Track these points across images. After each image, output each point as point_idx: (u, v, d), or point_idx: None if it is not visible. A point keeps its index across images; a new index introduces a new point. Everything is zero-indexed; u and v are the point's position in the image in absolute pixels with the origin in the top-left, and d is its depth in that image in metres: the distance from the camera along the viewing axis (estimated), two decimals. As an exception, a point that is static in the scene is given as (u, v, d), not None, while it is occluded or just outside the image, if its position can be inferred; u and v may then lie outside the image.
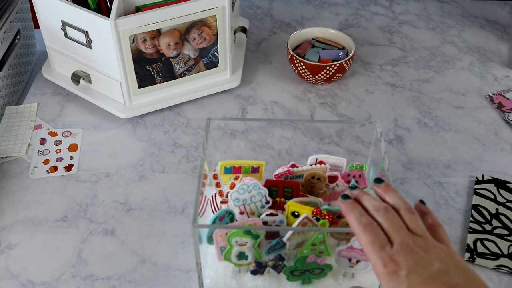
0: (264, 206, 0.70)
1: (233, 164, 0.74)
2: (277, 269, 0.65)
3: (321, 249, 0.63)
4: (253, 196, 0.69)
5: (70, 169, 0.89)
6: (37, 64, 1.18)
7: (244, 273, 0.68)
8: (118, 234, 0.80)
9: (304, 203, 0.68)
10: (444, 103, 1.03)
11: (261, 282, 0.67)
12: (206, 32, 0.93)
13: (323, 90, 1.05)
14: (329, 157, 0.75)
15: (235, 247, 0.64)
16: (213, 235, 0.64)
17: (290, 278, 0.66)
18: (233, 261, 0.65)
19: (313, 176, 0.72)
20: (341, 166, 0.76)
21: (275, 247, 0.64)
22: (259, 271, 0.66)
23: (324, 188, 0.73)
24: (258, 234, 0.62)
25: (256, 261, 0.65)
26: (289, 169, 0.72)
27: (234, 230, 0.62)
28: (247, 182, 0.69)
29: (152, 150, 0.93)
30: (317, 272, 0.65)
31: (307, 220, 0.64)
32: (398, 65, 1.12)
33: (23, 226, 0.81)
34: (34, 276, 0.74)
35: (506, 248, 0.77)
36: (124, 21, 0.85)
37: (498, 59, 1.13)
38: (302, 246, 0.64)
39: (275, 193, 0.71)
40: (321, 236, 0.61)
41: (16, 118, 0.98)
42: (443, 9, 1.29)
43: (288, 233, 0.62)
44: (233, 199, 0.69)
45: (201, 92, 1.00)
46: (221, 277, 0.68)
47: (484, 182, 0.86)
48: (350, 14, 1.26)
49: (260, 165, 0.75)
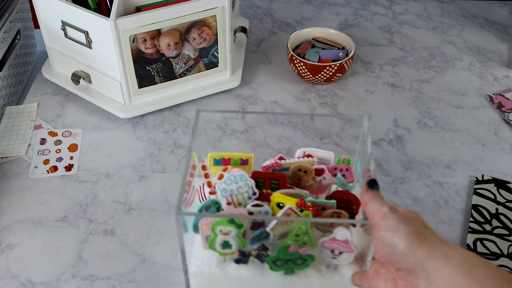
0: (251, 197, 0.71)
1: (222, 156, 0.75)
2: (261, 259, 0.66)
3: (304, 240, 0.64)
4: (240, 187, 0.70)
5: (70, 169, 0.89)
6: (37, 64, 1.18)
7: (229, 262, 0.69)
8: (118, 234, 0.80)
9: (290, 194, 0.69)
10: (444, 103, 1.03)
11: (244, 271, 0.68)
12: (206, 32, 0.93)
13: (323, 90, 1.05)
14: (317, 150, 0.76)
15: (219, 236, 0.64)
16: (199, 224, 0.65)
17: (273, 268, 0.66)
18: (218, 250, 0.66)
19: (299, 168, 0.73)
20: (328, 159, 0.76)
21: (259, 237, 0.65)
22: (243, 260, 0.67)
23: (311, 181, 0.73)
24: (241, 223, 0.63)
25: (240, 250, 0.65)
26: (276, 162, 0.73)
27: (218, 219, 0.63)
28: (234, 173, 0.70)
29: (152, 150, 0.93)
30: (299, 263, 0.66)
31: (291, 211, 0.64)
32: (398, 65, 1.12)
33: (23, 226, 0.81)
34: (34, 276, 0.74)
35: (506, 248, 0.77)
36: (124, 21, 0.85)
37: (498, 59, 1.13)
38: (286, 237, 0.64)
39: (261, 184, 0.72)
40: (304, 227, 0.62)
41: (16, 118, 0.98)
42: (443, 9, 1.29)
43: (272, 223, 0.63)
44: (220, 189, 0.70)
45: (201, 92, 1.00)
46: (206, 265, 0.69)
47: (484, 182, 0.86)
48: (350, 14, 1.26)
49: (249, 157, 0.76)
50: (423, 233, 0.53)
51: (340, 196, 0.69)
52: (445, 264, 0.50)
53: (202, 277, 0.68)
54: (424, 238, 0.53)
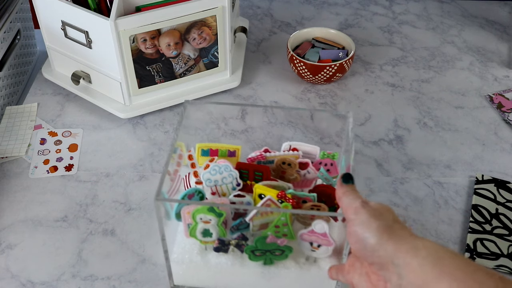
0: (235, 188, 0.72)
1: (210, 147, 0.76)
2: (240, 248, 0.67)
3: (284, 231, 0.65)
4: (224, 178, 0.71)
5: (70, 169, 0.89)
6: (37, 64, 1.18)
7: (210, 250, 0.70)
8: (118, 234, 0.80)
9: (272, 186, 0.70)
10: (444, 103, 1.03)
11: (224, 260, 0.69)
12: (206, 32, 0.93)
13: (323, 90, 1.05)
14: (303, 144, 0.77)
15: (199, 224, 0.65)
16: (181, 212, 0.66)
17: (252, 258, 0.67)
18: (199, 238, 0.67)
19: (284, 161, 0.73)
20: (314, 154, 0.77)
21: (238, 226, 0.66)
22: (222, 249, 0.68)
23: (295, 174, 0.74)
24: (221, 212, 0.64)
25: (219, 238, 0.66)
26: (261, 154, 0.74)
27: (199, 207, 0.64)
28: (219, 164, 0.71)
29: (152, 150, 0.93)
30: (278, 254, 0.67)
31: (271, 202, 0.66)
32: (398, 65, 1.12)
33: (23, 226, 0.81)
34: (34, 276, 0.74)
35: (506, 248, 0.77)
36: (124, 21, 0.85)
37: (498, 59, 1.13)
38: (266, 229, 0.65)
39: (246, 176, 0.73)
40: (283, 218, 0.63)
41: (16, 118, 0.98)
42: (443, 9, 1.29)
43: (251, 213, 0.64)
44: (205, 179, 0.71)
45: (201, 92, 1.00)
46: (187, 253, 0.70)
47: (484, 182, 0.86)
48: (350, 14, 1.26)
49: (236, 149, 0.77)
50: (393, 228, 0.53)
51: (322, 190, 0.71)
52: (414, 257, 0.50)
53: (184, 264, 0.70)
54: (393, 233, 0.53)
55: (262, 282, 0.70)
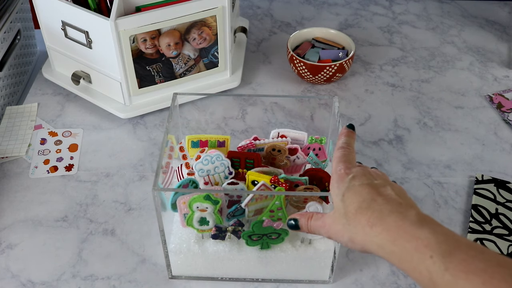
0: (227, 176, 0.73)
1: (199, 138, 0.77)
2: (237, 235, 0.68)
3: (279, 216, 0.66)
4: (216, 167, 0.72)
5: (70, 169, 0.89)
6: (37, 64, 1.18)
7: (207, 238, 0.71)
8: (118, 234, 0.80)
9: (264, 172, 0.72)
10: (444, 103, 1.03)
11: (222, 247, 0.70)
12: (206, 32, 0.93)
13: (323, 90, 1.05)
14: (290, 131, 0.78)
15: (196, 212, 0.66)
16: (177, 202, 0.67)
17: (249, 243, 0.68)
18: (195, 227, 0.68)
19: (273, 148, 0.75)
20: (302, 139, 0.79)
21: (234, 213, 0.67)
22: (219, 236, 0.69)
23: (285, 160, 0.76)
24: (217, 199, 0.65)
25: (216, 226, 0.67)
26: (251, 142, 0.75)
27: (195, 196, 0.65)
28: (211, 154, 0.72)
29: (152, 150, 0.93)
30: (274, 237, 0.68)
31: (264, 187, 0.67)
32: (398, 65, 1.12)
33: (23, 226, 0.81)
34: (34, 276, 0.74)
35: (506, 248, 0.77)
36: (124, 21, 0.85)
37: (497, 59, 1.13)
38: (261, 214, 0.67)
39: (237, 164, 0.74)
40: (278, 202, 0.64)
41: (16, 118, 0.98)
42: (443, 9, 1.29)
43: (246, 198, 0.65)
44: (198, 170, 0.72)
45: (201, 92, 1.00)
46: (184, 242, 0.71)
47: (484, 182, 0.86)
48: (350, 14, 1.26)
49: (226, 139, 0.78)
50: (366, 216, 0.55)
51: (313, 174, 0.72)
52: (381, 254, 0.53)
53: (182, 254, 0.70)
54: (363, 230, 0.54)
55: (259, 267, 0.72)
